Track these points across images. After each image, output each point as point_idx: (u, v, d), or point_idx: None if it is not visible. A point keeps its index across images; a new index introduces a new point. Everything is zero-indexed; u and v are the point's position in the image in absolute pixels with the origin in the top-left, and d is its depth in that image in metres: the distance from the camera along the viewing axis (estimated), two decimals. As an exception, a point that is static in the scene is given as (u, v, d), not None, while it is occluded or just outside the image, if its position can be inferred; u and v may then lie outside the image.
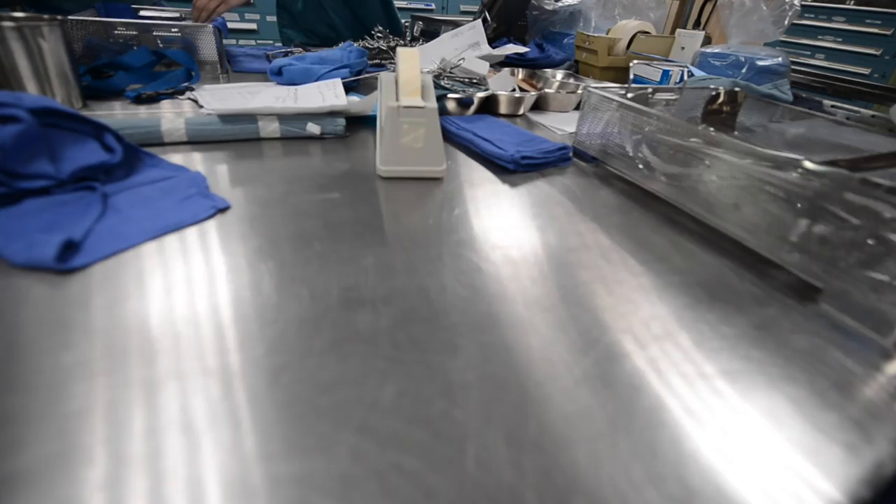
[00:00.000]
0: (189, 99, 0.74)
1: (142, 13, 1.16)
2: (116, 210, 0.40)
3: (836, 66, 2.69)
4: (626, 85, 0.89)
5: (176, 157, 0.53)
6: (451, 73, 0.79)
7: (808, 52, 2.81)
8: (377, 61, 1.15)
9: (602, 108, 0.61)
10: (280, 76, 0.85)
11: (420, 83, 0.53)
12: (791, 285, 0.38)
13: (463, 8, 3.25)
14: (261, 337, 0.28)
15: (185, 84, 0.77)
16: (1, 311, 0.29)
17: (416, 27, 1.24)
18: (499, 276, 0.36)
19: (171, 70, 0.80)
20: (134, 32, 0.85)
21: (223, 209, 0.43)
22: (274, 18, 2.63)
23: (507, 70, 0.80)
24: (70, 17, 0.80)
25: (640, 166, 0.57)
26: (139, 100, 0.70)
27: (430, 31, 1.40)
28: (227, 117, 0.57)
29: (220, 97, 0.72)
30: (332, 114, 0.64)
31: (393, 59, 1.16)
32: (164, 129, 0.54)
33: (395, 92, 0.57)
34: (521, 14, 1.23)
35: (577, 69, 1.14)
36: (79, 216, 0.38)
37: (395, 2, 1.49)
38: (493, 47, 1.11)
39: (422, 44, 1.23)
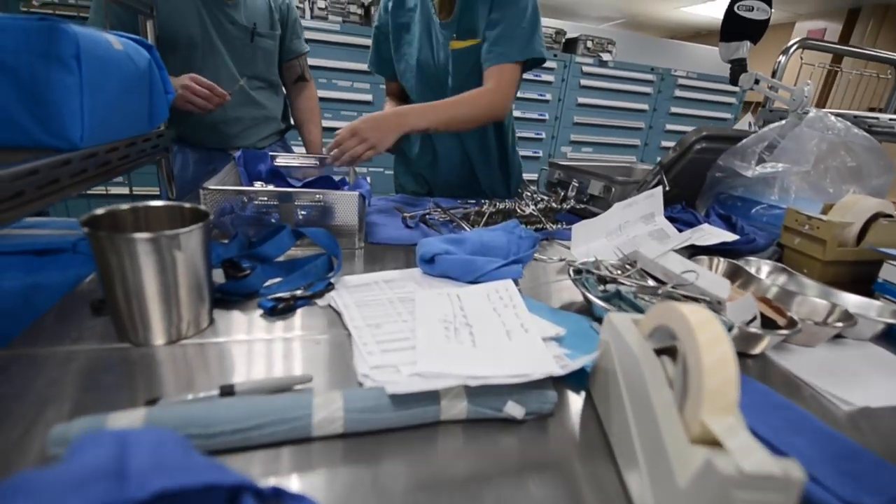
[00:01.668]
0: (330, 307, 0.59)
1: (278, 160, 1.11)
2: None
3: None
4: None
5: (319, 473, 0.34)
6: (673, 291, 0.58)
7: None
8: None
9: None
10: (431, 265, 0.69)
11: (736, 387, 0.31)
12: None
13: (574, 137, 3.21)
14: None
15: (327, 280, 0.63)
16: None
17: (570, 186, 1.09)
18: None
19: (308, 259, 0.67)
20: (274, 203, 0.75)
21: None
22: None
23: (749, 294, 0.58)
24: (210, 187, 0.72)
25: None
26: (274, 312, 0.55)
27: (568, 184, 1.25)
28: (399, 396, 0.38)
29: (365, 307, 0.56)
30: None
31: (542, 223, 1.00)
32: (317, 420, 0.36)
33: (664, 378, 0.36)
34: (701, 177, 1.04)
35: (780, 255, 0.90)
36: None
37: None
38: (667, 217, 0.92)
39: (572, 204, 1.08)
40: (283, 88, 1.47)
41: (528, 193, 1.05)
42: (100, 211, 0.47)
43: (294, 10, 1.37)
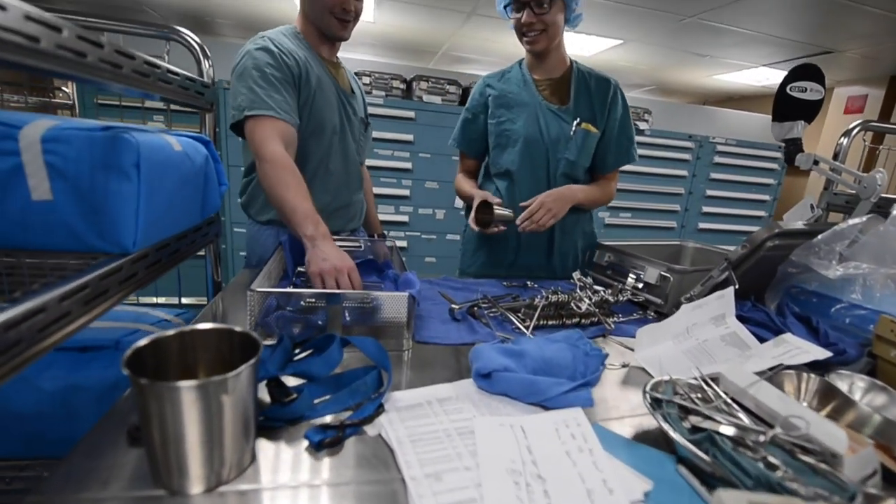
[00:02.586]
0: (381, 438, 0.53)
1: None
2: None
3: None
4: None
5: None
6: (776, 440, 0.49)
7: None
8: (577, 320, 0.93)
9: None
10: (489, 381, 0.63)
11: None
12: None
13: (611, 203, 3.17)
14: None
15: (377, 400, 0.57)
16: None
17: (627, 276, 1.02)
18: None
19: (356, 373, 0.62)
20: (322, 304, 0.72)
21: None
22: (430, 211, 2.76)
23: (870, 447, 0.50)
24: (257, 290, 0.69)
25: None
26: (321, 446, 0.50)
27: (620, 267, 1.19)
28: None
29: (420, 443, 0.50)
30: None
31: (599, 319, 0.93)
32: None
33: None
34: (771, 272, 0.96)
35: (873, 367, 0.80)
36: None
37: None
38: (737, 315, 0.84)
39: (628, 296, 1.01)
40: None
41: (582, 283, 0.99)
42: (143, 342, 0.44)
43: None
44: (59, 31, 0.42)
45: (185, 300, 1.28)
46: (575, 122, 1.24)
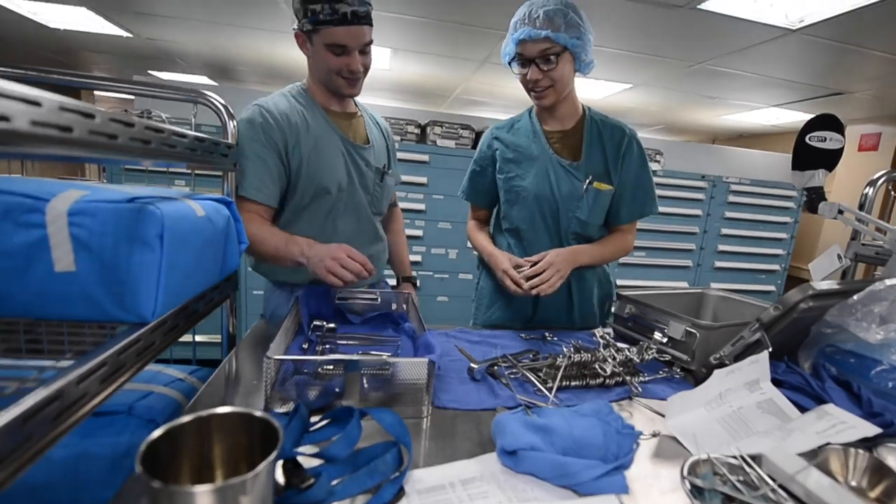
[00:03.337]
0: (404, 531, 0.50)
1: (337, 299, 1.08)
2: None
3: None
4: None
5: None
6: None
7: None
8: (601, 381, 0.89)
9: None
10: (514, 458, 0.60)
11: None
12: None
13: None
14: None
15: (398, 483, 0.54)
16: None
17: (654, 334, 0.99)
18: None
19: (374, 449, 0.59)
20: (340, 372, 0.70)
21: None
22: (442, 251, 2.77)
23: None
24: (273, 357, 0.67)
25: None
26: (340, 541, 0.47)
27: (642, 320, 1.16)
28: None
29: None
30: None
31: (624, 380, 0.89)
32: None
33: None
34: (804, 331, 0.93)
35: (924, 438, 0.75)
36: None
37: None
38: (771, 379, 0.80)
39: (654, 355, 0.98)
40: None
41: (605, 341, 0.96)
42: (157, 434, 0.42)
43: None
44: (92, 118, 0.43)
45: (198, 338, 1.26)
46: (587, 181, 1.19)
